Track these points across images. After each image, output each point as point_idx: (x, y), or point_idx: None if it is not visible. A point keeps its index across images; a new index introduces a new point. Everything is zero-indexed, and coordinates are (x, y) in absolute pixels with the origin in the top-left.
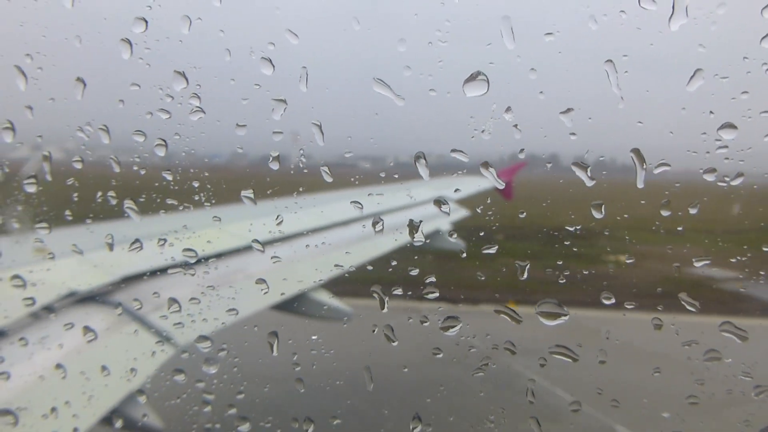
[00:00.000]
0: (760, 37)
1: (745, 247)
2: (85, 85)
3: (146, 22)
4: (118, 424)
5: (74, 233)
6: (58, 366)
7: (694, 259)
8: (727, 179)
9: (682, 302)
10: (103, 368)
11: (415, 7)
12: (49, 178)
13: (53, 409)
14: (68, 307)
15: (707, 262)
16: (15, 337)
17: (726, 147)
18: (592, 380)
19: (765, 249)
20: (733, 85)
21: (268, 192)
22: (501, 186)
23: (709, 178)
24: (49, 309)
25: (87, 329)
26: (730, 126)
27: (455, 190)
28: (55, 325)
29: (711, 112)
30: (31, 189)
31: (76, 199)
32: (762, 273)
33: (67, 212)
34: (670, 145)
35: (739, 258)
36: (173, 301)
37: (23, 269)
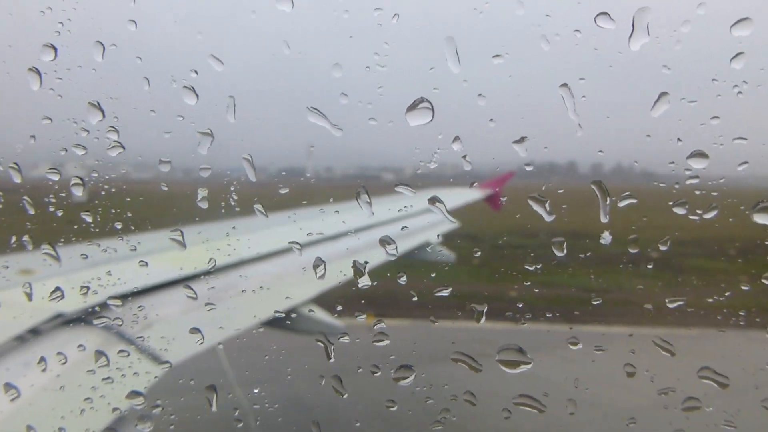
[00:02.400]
0: (730, 56)
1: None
2: None
3: (55, 49)
4: None
5: None
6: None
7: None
8: (699, 212)
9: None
10: (92, 390)
11: (350, 29)
12: None
13: None
14: (55, 330)
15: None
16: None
17: (697, 177)
18: None
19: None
20: (703, 110)
21: (198, 233)
22: (454, 223)
23: (680, 211)
24: (35, 331)
25: (76, 350)
26: (701, 154)
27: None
28: (41, 348)
29: (679, 139)
30: None
31: None
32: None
33: None
34: (635, 175)
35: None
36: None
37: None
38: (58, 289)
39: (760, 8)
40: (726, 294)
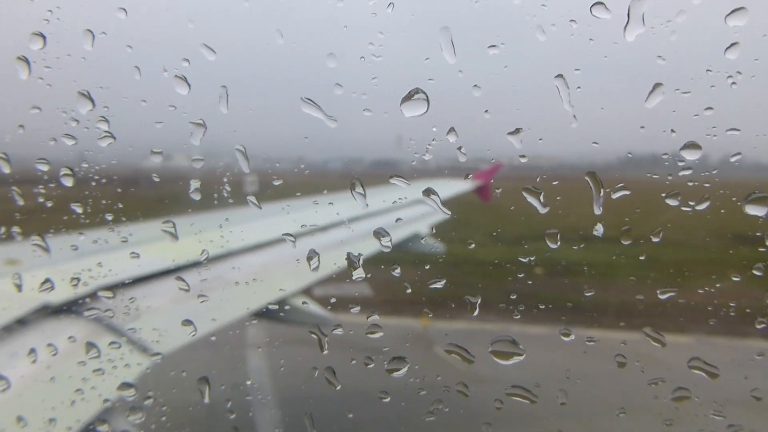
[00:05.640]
0: (725, 47)
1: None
2: None
3: (44, 37)
4: None
5: None
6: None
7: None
8: (691, 204)
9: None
10: (82, 381)
11: (344, 18)
12: None
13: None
14: (42, 321)
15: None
16: None
17: (690, 169)
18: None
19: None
20: (696, 101)
21: (191, 225)
22: (447, 215)
23: (672, 203)
24: (22, 322)
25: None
26: (694, 146)
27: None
28: (29, 339)
29: (672, 130)
30: None
31: None
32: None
33: None
34: (629, 167)
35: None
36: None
37: None
38: (48, 280)
39: None
40: (716, 285)
